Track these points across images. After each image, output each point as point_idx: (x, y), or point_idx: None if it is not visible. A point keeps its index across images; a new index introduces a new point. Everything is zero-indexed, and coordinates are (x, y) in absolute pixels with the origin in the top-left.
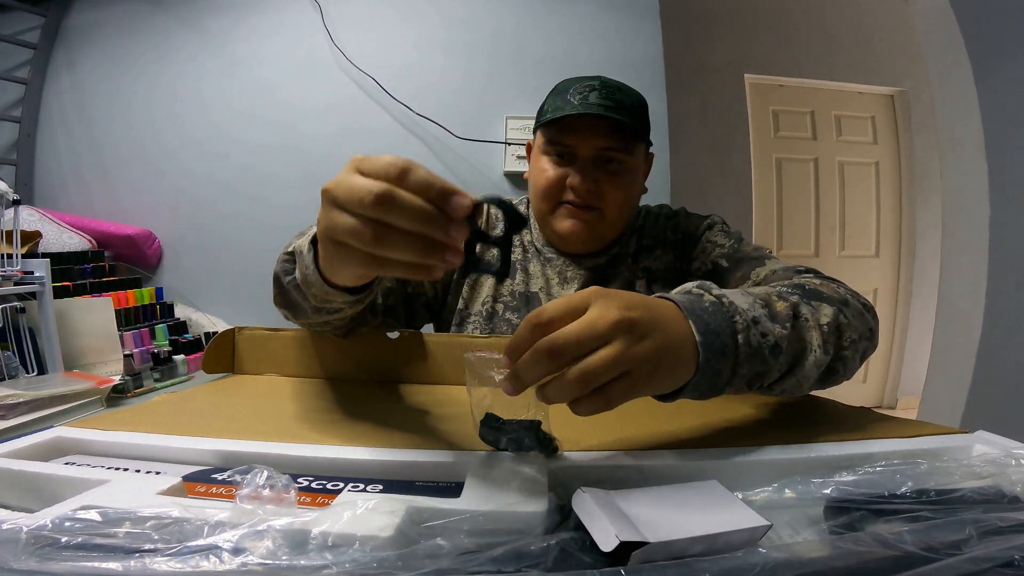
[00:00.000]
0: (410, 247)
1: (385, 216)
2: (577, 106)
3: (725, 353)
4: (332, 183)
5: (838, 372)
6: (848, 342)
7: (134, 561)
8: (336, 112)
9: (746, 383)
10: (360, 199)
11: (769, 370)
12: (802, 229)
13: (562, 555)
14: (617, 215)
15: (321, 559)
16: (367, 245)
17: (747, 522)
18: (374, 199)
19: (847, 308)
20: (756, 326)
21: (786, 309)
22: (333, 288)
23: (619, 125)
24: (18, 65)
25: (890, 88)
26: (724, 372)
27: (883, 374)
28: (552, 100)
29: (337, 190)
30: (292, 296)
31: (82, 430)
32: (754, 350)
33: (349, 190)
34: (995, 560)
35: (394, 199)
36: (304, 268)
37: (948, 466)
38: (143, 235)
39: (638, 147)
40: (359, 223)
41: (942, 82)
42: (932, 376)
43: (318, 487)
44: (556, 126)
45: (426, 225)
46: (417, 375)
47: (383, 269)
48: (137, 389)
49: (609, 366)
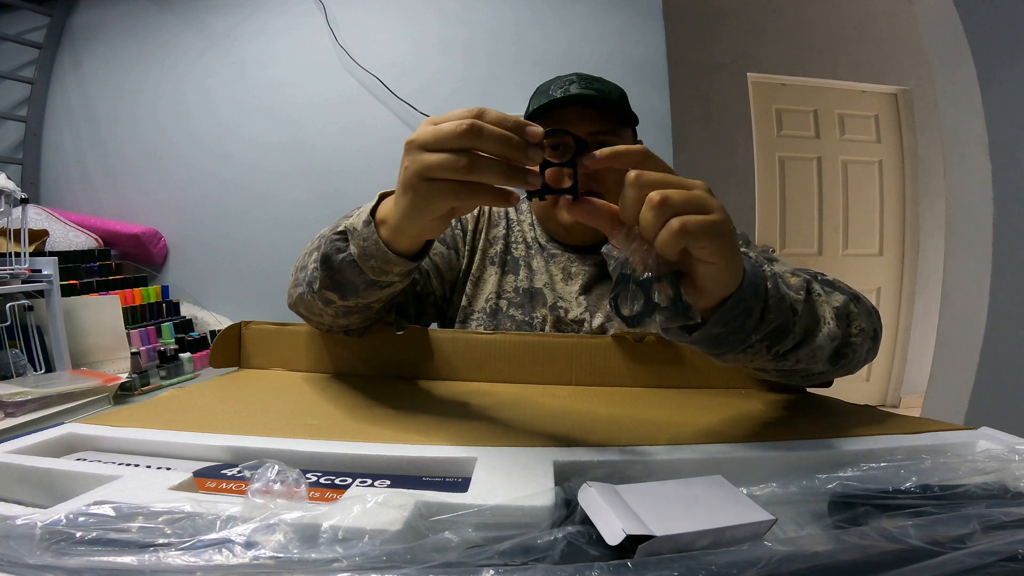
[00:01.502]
0: (498, 170)
1: (475, 143)
2: (560, 96)
3: (757, 294)
4: (417, 134)
5: (847, 356)
6: (857, 330)
7: (148, 555)
8: (340, 110)
9: (767, 342)
10: (452, 133)
11: (789, 327)
12: (805, 228)
13: (569, 548)
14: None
15: (332, 552)
16: (460, 173)
17: (752, 516)
18: (466, 128)
19: (858, 303)
20: (777, 285)
21: (799, 283)
22: (395, 254)
23: (605, 109)
24: (24, 64)
25: (893, 87)
26: (754, 312)
27: (886, 372)
28: (535, 100)
29: (424, 136)
30: (345, 275)
31: (93, 426)
32: (779, 298)
33: (437, 131)
34: (999, 554)
35: (482, 128)
36: (362, 241)
37: (952, 462)
38: (149, 234)
39: (626, 132)
40: (452, 156)
41: (946, 80)
42: (936, 374)
43: (327, 482)
44: (543, 119)
45: (510, 149)
46: (424, 370)
47: (473, 197)
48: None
49: (703, 202)
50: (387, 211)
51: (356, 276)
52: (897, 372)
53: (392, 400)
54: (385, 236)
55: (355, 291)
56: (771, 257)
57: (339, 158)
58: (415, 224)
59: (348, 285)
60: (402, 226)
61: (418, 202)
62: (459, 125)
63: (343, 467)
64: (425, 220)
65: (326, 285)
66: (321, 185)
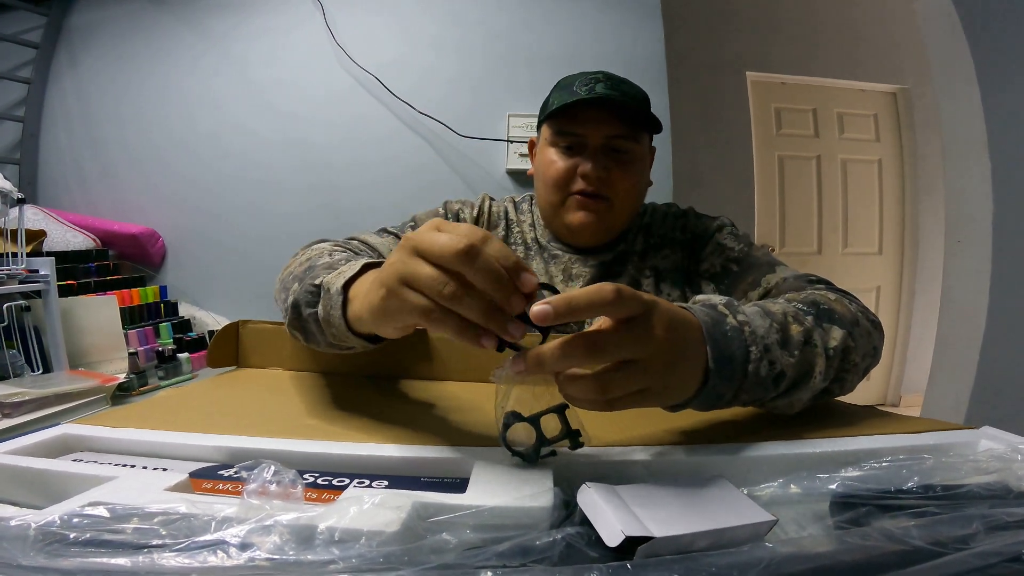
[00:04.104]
0: (479, 311)
1: (467, 269)
2: (585, 95)
3: (732, 380)
4: (415, 235)
5: (832, 392)
6: (850, 364)
7: (142, 557)
8: (339, 110)
9: (740, 403)
10: (447, 248)
11: (767, 395)
12: (805, 226)
13: (567, 550)
14: (626, 205)
15: (328, 554)
16: (441, 296)
17: (753, 517)
18: (462, 250)
19: (857, 328)
20: (767, 354)
21: (799, 335)
22: (354, 335)
23: (628, 112)
24: (21, 64)
25: (892, 85)
26: (726, 396)
27: (886, 372)
28: (557, 94)
29: (422, 241)
30: (308, 326)
31: (89, 427)
32: (760, 379)
33: (433, 242)
34: (1002, 555)
35: (479, 255)
36: (329, 308)
37: (954, 462)
38: (147, 234)
39: (644, 137)
40: (439, 276)
41: (945, 79)
42: (935, 374)
43: (324, 483)
44: (565, 116)
45: (498, 289)
46: (422, 371)
47: (441, 324)
48: (142, 387)
49: (631, 384)
50: (360, 291)
51: (319, 334)
52: (897, 371)
53: (391, 401)
54: (351, 314)
55: (317, 343)
56: (774, 261)
57: (338, 158)
58: (375, 323)
59: (312, 336)
60: (364, 318)
61: (387, 306)
62: (457, 243)
63: (341, 468)
64: (386, 325)
65: (293, 325)
66: (319, 183)
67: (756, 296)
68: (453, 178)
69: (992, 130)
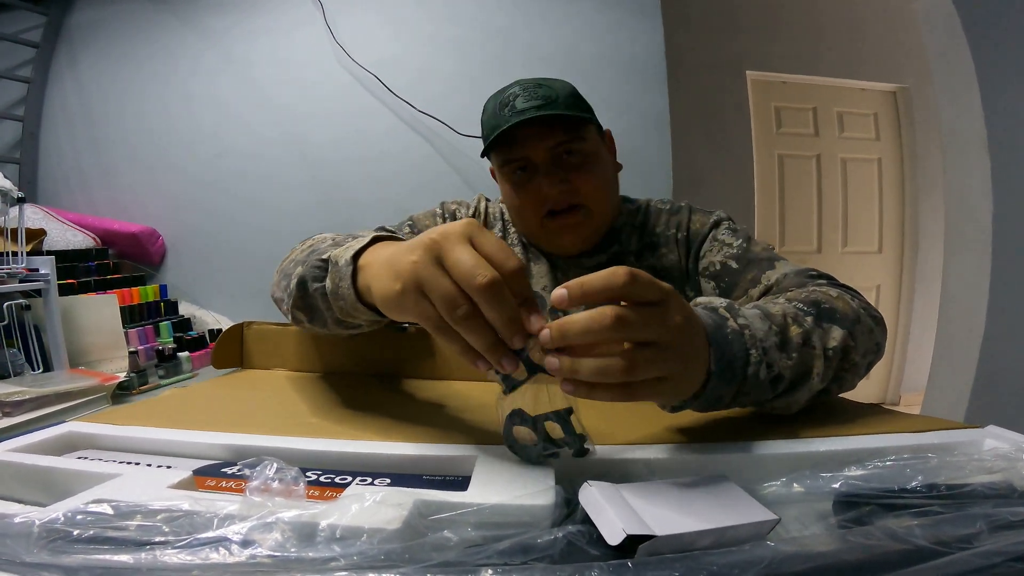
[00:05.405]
0: (483, 339)
1: (485, 302)
2: (509, 117)
3: (732, 382)
4: (444, 239)
5: (830, 392)
6: (850, 364)
7: (145, 554)
8: (339, 109)
9: (739, 404)
10: (471, 277)
11: (765, 397)
12: (804, 225)
13: (569, 548)
14: (601, 202)
15: (329, 551)
16: (452, 317)
17: (755, 516)
18: (486, 285)
19: (858, 326)
20: (766, 357)
21: (798, 336)
22: (364, 306)
23: (557, 118)
24: (21, 64)
25: (892, 84)
26: (725, 398)
27: (886, 371)
28: (487, 123)
29: (450, 254)
30: (315, 302)
31: (93, 425)
32: (759, 382)
33: (460, 261)
34: (1006, 554)
35: (502, 294)
36: (337, 280)
37: (958, 461)
38: (147, 233)
39: (587, 130)
40: (458, 295)
41: (944, 78)
42: (935, 372)
43: (326, 480)
44: (501, 145)
45: (505, 323)
46: (424, 370)
47: (445, 337)
48: (142, 386)
49: (656, 367)
50: (372, 262)
51: (326, 310)
52: (897, 370)
53: (393, 399)
54: (361, 284)
55: (323, 323)
56: (774, 256)
57: (339, 157)
58: (384, 308)
59: (317, 314)
60: (375, 295)
61: (400, 302)
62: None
63: (343, 465)
64: (393, 315)
65: (298, 306)
66: (318, 181)
67: (757, 294)
68: (451, 175)
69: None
